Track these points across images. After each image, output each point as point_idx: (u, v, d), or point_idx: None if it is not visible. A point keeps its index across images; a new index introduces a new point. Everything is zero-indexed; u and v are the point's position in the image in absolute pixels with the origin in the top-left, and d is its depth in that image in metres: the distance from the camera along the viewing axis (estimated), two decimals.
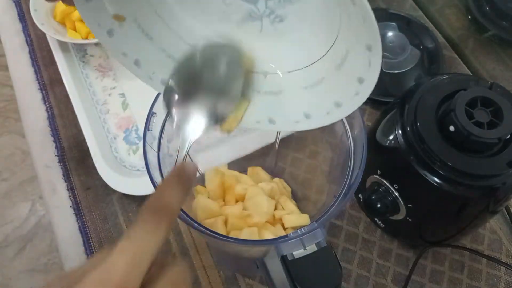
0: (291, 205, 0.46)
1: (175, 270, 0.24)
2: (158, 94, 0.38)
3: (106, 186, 0.52)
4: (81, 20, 0.59)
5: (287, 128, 0.33)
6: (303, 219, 0.44)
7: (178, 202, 0.25)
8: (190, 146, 0.30)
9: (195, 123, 0.30)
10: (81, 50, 0.64)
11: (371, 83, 0.27)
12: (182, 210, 0.34)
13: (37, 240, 1.32)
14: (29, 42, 0.65)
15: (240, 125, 0.34)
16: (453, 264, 0.51)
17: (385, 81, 0.60)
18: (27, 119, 0.60)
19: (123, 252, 0.22)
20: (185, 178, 0.26)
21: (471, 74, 0.65)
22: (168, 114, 0.32)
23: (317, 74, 0.31)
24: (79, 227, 0.52)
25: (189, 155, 0.46)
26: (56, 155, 0.56)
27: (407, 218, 0.45)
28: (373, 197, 0.46)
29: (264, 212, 0.43)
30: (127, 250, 0.22)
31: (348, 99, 0.29)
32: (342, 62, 0.29)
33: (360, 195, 0.51)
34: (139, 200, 0.53)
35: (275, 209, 0.45)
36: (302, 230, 0.32)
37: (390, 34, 0.63)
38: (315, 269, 0.31)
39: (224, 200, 0.45)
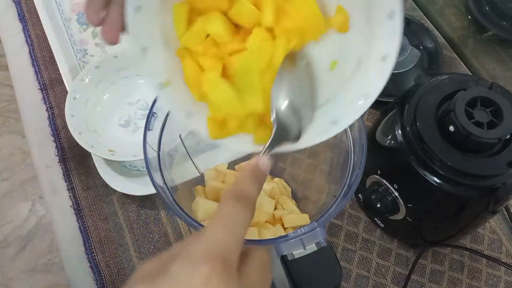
0: (291, 205, 0.46)
1: (260, 251, 0.26)
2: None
3: (106, 186, 0.52)
4: None
5: (315, 141, 0.33)
6: (303, 219, 0.44)
7: (255, 193, 0.27)
8: (274, 148, 0.30)
9: (281, 127, 0.31)
10: (81, 50, 0.64)
11: (394, 53, 0.28)
12: (182, 210, 0.34)
13: (37, 240, 1.32)
14: (29, 42, 0.65)
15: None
16: (453, 264, 0.51)
17: None
18: (27, 119, 0.60)
19: (218, 224, 0.23)
20: (258, 174, 0.27)
21: (471, 74, 0.65)
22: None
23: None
24: (79, 227, 0.52)
25: (189, 154, 0.46)
26: (56, 155, 0.56)
27: (407, 218, 0.45)
28: (373, 197, 0.46)
29: (264, 212, 0.43)
30: (222, 224, 0.23)
31: (374, 85, 0.29)
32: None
33: (360, 195, 0.51)
34: (139, 200, 0.53)
35: (275, 209, 0.45)
36: (302, 230, 0.32)
37: None
38: (315, 268, 0.31)
39: None
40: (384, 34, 0.28)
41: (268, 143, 0.30)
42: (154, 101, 0.38)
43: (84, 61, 0.63)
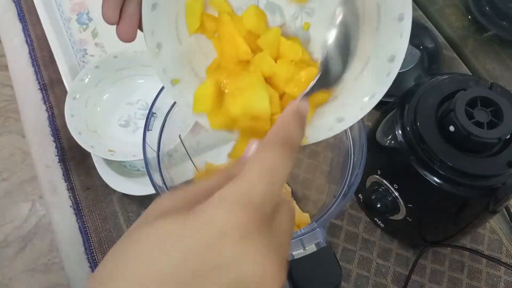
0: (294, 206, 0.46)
1: (287, 203, 0.24)
2: (158, 94, 0.38)
3: (106, 186, 0.52)
4: None
5: (321, 137, 0.33)
6: (303, 218, 0.44)
7: (300, 138, 0.25)
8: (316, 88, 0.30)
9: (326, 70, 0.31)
10: (81, 50, 0.64)
11: (402, 55, 0.28)
12: None
13: (37, 240, 1.32)
14: (29, 42, 0.65)
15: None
16: (453, 264, 0.51)
17: None
18: (27, 119, 0.60)
19: (259, 173, 0.22)
20: (303, 115, 0.26)
21: (471, 74, 0.65)
22: None
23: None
24: (79, 227, 0.52)
25: (189, 154, 0.46)
26: (56, 155, 0.56)
27: (407, 218, 0.45)
28: (373, 197, 0.46)
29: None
30: (263, 172, 0.22)
31: (380, 85, 0.30)
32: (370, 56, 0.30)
33: (360, 195, 0.51)
34: (139, 200, 0.53)
35: None
36: (302, 230, 0.32)
37: None
38: (314, 269, 0.31)
39: None
40: (393, 36, 0.28)
41: (309, 86, 0.29)
42: (154, 101, 0.38)
43: (84, 61, 0.63)
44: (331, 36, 0.30)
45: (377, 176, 0.45)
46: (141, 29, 0.31)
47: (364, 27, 0.30)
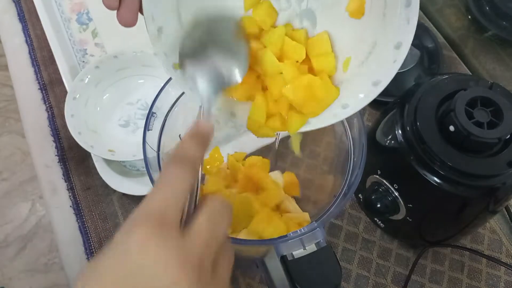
0: (293, 204, 0.46)
1: (211, 201, 0.26)
2: (158, 94, 0.38)
3: (106, 186, 0.52)
4: None
5: (325, 124, 0.33)
6: (303, 217, 0.44)
7: (199, 156, 0.27)
8: (211, 103, 0.31)
9: (211, 78, 0.31)
10: (80, 50, 0.64)
11: (409, 41, 0.28)
12: None
13: (37, 240, 1.32)
14: (29, 42, 0.65)
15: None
16: (453, 264, 0.51)
17: None
18: (27, 119, 0.60)
19: (157, 187, 0.24)
20: (202, 138, 0.27)
21: (471, 74, 0.65)
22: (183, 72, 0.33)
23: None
24: (79, 227, 0.52)
25: None
26: (56, 155, 0.56)
27: (407, 218, 0.45)
28: (373, 197, 0.46)
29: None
30: (161, 185, 0.24)
31: (386, 72, 0.30)
32: (374, 47, 0.30)
33: (360, 195, 0.51)
34: (139, 200, 0.53)
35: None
36: (302, 230, 0.32)
37: None
38: (314, 269, 0.31)
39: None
40: (400, 22, 0.28)
41: (202, 101, 0.30)
42: (154, 101, 0.38)
43: (83, 61, 0.63)
44: (338, 20, 0.31)
45: (377, 176, 0.45)
46: (142, 13, 0.31)
47: (372, 12, 0.30)
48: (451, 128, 0.40)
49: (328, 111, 0.33)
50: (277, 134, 0.48)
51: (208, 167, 0.47)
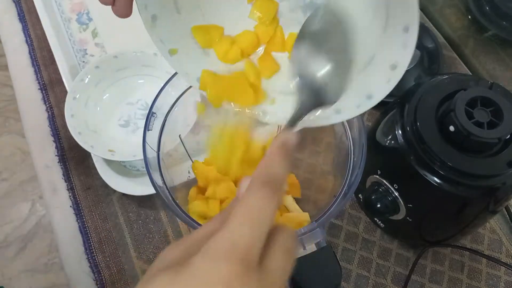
0: (293, 204, 0.46)
1: (284, 235, 0.24)
2: (158, 94, 0.38)
3: (106, 186, 0.52)
4: None
5: (317, 124, 0.33)
6: (303, 217, 0.44)
7: (286, 173, 0.25)
8: (304, 115, 0.29)
9: (313, 91, 0.29)
10: (80, 50, 0.64)
11: (404, 66, 0.27)
12: (181, 210, 0.34)
13: (37, 240, 1.32)
14: (29, 42, 0.65)
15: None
16: (453, 264, 0.51)
17: None
18: (27, 119, 0.60)
19: (243, 218, 0.22)
20: (288, 150, 0.26)
21: (471, 74, 0.65)
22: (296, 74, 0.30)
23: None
24: (79, 227, 0.52)
25: (189, 154, 0.46)
26: (56, 155, 0.56)
27: (407, 218, 0.45)
28: (373, 197, 0.46)
29: None
30: (247, 217, 0.22)
31: (379, 89, 0.29)
32: (370, 61, 0.29)
33: (360, 195, 0.51)
34: (139, 200, 0.53)
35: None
36: (302, 230, 0.32)
37: None
38: (314, 269, 0.31)
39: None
40: (397, 45, 0.27)
41: (293, 113, 0.28)
42: (154, 101, 0.38)
43: (84, 61, 0.63)
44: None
45: (377, 176, 0.45)
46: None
47: (374, 20, 0.29)
48: (451, 128, 0.40)
49: (322, 112, 0.32)
50: (277, 133, 0.48)
51: None
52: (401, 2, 0.25)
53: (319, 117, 0.32)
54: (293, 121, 0.28)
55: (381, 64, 0.29)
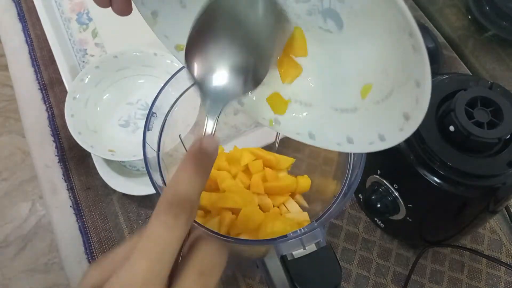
0: (293, 204, 0.46)
1: (201, 255, 0.22)
2: (158, 94, 0.38)
3: (106, 186, 0.52)
4: None
5: (327, 147, 0.31)
6: (303, 217, 0.44)
7: (197, 191, 0.22)
8: (219, 115, 0.25)
9: (225, 84, 0.26)
10: (81, 50, 0.64)
11: (417, 121, 0.24)
12: None
13: (37, 240, 1.32)
14: (29, 42, 0.65)
15: (281, 132, 0.32)
16: (453, 264, 0.51)
17: None
18: (27, 119, 0.60)
19: (143, 253, 0.20)
20: (203, 160, 0.23)
21: (471, 74, 0.65)
22: (189, 73, 0.27)
23: (349, 103, 0.29)
24: (79, 227, 0.52)
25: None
26: (56, 155, 0.56)
27: (407, 218, 0.45)
28: (373, 197, 0.46)
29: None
30: (147, 251, 0.20)
31: (391, 134, 0.26)
32: (385, 98, 0.27)
33: (360, 195, 0.51)
34: (139, 200, 0.53)
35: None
36: (302, 230, 0.32)
37: None
38: (314, 269, 0.31)
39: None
40: (411, 96, 0.25)
41: (207, 112, 0.25)
42: (154, 101, 0.38)
43: (84, 61, 0.63)
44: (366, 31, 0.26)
45: (377, 176, 0.45)
46: None
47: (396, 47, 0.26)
48: (451, 128, 0.40)
49: (334, 137, 0.30)
50: (277, 133, 0.48)
51: None
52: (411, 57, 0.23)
53: (330, 141, 0.30)
54: (210, 126, 0.25)
55: (396, 106, 0.26)
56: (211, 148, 0.23)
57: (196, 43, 0.27)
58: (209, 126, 0.25)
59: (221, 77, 0.26)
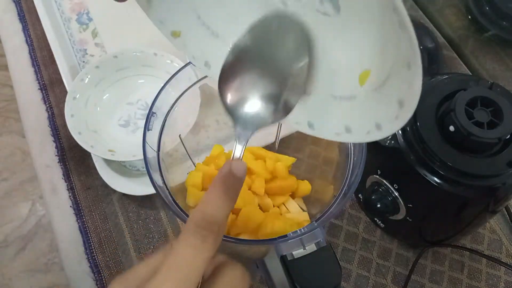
0: (293, 204, 0.46)
1: (229, 275, 0.23)
2: (158, 94, 0.38)
3: (106, 186, 0.52)
4: None
5: (326, 136, 0.31)
6: (303, 217, 0.44)
7: (225, 214, 0.23)
8: (247, 141, 0.27)
9: (256, 112, 0.27)
10: (81, 50, 0.64)
11: (411, 107, 0.24)
12: (182, 210, 0.34)
13: (37, 240, 1.32)
14: (29, 42, 0.65)
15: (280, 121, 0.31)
16: (453, 264, 0.51)
17: None
18: (27, 119, 0.60)
19: (170, 272, 0.21)
20: (232, 184, 0.23)
21: (471, 74, 0.65)
22: (223, 100, 0.28)
23: (348, 90, 0.29)
24: (79, 227, 0.52)
25: (189, 154, 0.46)
26: (56, 155, 0.56)
27: (407, 218, 0.45)
28: (373, 197, 0.46)
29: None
30: (174, 270, 0.21)
31: (388, 122, 0.26)
32: (382, 84, 0.26)
33: (360, 195, 0.51)
34: (139, 200, 0.53)
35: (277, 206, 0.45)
36: (302, 230, 0.32)
37: None
38: (314, 269, 0.31)
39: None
40: (403, 80, 0.25)
41: (237, 137, 0.26)
42: (154, 101, 0.38)
43: (84, 61, 0.63)
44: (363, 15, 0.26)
45: (377, 176, 0.45)
46: None
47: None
48: (451, 128, 0.40)
49: (332, 127, 0.30)
50: (277, 133, 0.48)
51: None
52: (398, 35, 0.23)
53: (329, 130, 0.30)
54: (239, 150, 0.26)
55: (392, 93, 0.26)
56: (239, 172, 0.24)
57: (230, 73, 0.28)
58: (238, 150, 0.26)
59: (252, 105, 0.28)
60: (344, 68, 0.29)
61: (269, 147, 0.51)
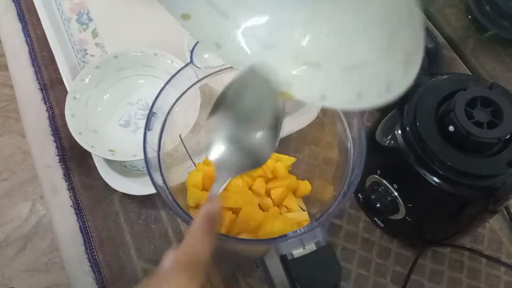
0: (293, 204, 0.46)
1: None
2: (158, 94, 0.38)
3: (106, 185, 0.52)
4: None
5: (339, 105, 0.32)
6: (303, 216, 0.44)
7: (209, 249, 0.25)
8: (225, 184, 0.30)
9: (233, 162, 0.31)
10: (81, 50, 0.64)
11: (418, 58, 0.26)
12: (182, 209, 0.34)
13: (38, 240, 1.32)
14: (29, 42, 0.65)
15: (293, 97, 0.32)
16: (452, 263, 0.51)
17: None
18: (27, 119, 0.60)
19: None
20: (213, 220, 0.26)
21: (471, 74, 0.65)
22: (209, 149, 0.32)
23: (361, 57, 0.30)
24: (80, 226, 0.52)
25: (189, 154, 0.46)
26: (56, 155, 0.56)
27: (407, 217, 0.45)
28: (372, 197, 0.46)
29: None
30: None
31: (397, 80, 0.28)
32: (391, 42, 0.28)
33: (359, 195, 0.51)
34: (140, 199, 0.53)
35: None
36: (302, 229, 0.32)
37: None
38: (314, 268, 0.31)
39: None
40: (398, 63, 0.27)
41: (216, 183, 0.29)
42: (154, 101, 0.38)
43: (84, 61, 0.63)
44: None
45: (377, 176, 0.45)
46: None
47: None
48: (451, 128, 0.40)
49: (345, 95, 0.31)
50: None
51: None
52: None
53: (342, 99, 0.31)
54: (216, 190, 0.29)
55: (399, 48, 0.27)
56: (216, 213, 0.27)
57: (211, 129, 0.32)
58: (214, 189, 0.29)
59: (229, 156, 0.31)
60: (355, 33, 0.30)
61: None
